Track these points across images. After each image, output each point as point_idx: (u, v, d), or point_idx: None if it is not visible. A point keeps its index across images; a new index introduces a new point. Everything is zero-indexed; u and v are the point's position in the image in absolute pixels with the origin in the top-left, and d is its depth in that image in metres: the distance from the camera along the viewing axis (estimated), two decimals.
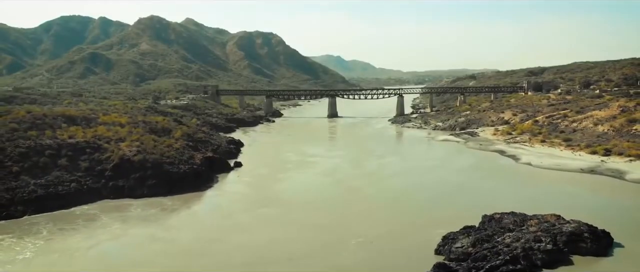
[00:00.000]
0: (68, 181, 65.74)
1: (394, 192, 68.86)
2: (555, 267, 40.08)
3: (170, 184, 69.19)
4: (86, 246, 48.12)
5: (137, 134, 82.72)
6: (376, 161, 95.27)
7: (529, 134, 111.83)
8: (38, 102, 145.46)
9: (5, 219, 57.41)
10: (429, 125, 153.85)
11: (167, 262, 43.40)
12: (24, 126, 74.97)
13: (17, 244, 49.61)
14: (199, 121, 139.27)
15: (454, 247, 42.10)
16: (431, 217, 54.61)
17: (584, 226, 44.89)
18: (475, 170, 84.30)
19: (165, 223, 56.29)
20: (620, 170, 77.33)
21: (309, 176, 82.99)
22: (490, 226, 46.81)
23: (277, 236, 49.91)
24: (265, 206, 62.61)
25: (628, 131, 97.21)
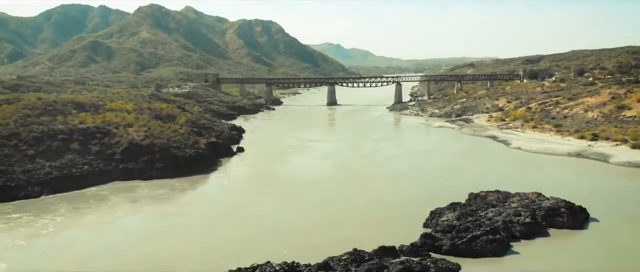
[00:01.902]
0: (81, 163, 69.51)
1: (389, 174, 72.84)
2: (533, 239, 44.02)
3: (177, 167, 73.00)
4: (106, 221, 52.12)
5: (143, 120, 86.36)
6: (373, 146, 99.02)
7: (522, 120, 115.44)
8: (43, 90, 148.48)
9: (22, 199, 61.12)
10: (426, 112, 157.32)
11: (184, 233, 47.59)
12: (36, 112, 78.56)
13: (36, 222, 53.30)
14: (201, 109, 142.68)
15: (440, 221, 46.02)
16: (422, 196, 58.41)
17: (561, 202, 48.76)
18: (467, 154, 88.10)
19: (176, 201, 60.41)
20: (605, 154, 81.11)
21: (309, 159, 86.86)
22: (475, 203, 50.73)
23: (282, 212, 53.93)
24: (269, 185, 66.65)
25: (616, 117, 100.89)
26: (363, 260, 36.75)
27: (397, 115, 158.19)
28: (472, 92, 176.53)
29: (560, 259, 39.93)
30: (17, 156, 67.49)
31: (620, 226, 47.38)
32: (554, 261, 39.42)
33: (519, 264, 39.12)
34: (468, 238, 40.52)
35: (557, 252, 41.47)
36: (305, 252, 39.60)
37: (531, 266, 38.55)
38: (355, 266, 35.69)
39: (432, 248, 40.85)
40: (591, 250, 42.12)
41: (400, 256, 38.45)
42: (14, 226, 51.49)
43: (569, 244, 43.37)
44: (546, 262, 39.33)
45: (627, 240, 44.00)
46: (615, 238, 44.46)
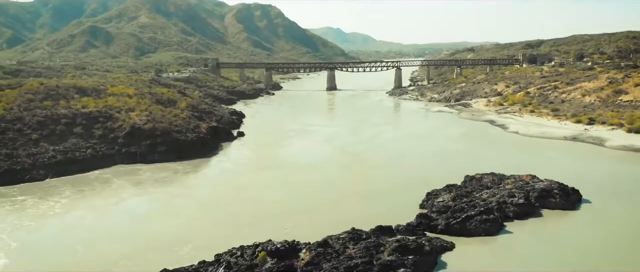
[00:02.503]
0: (84, 147, 70.65)
1: (388, 157, 74.07)
2: (526, 219, 45.35)
3: (179, 151, 74.15)
4: (112, 203, 53.47)
5: (145, 105, 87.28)
6: (372, 130, 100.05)
7: (520, 104, 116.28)
8: (43, 75, 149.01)
9: (28, 182, 62.33)
10: (425, 97, 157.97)
11: (190, 212, 49.18)
12: (39, 97, 79.47)
13: (42, 204, 54.56)
14: (201, 93, 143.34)
15: (436, 202, 47.32)
16: (419, 178, 59.62)
17: (554, 184, 50.01)
18: (465, 138, 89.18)
19: (180, 183, 61.78)
20: (601, 137, 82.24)
21: (309, 143, 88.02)
22: (470, 185, 51.99)
23: (283, 194, 55.30)
24: (270, 168, 67.96)
25: (613, 102, 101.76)
26: (361, 238, 38.06)
27: (397, 100, 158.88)
28: (472, 77, 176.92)
29: (551, 238, 41.24)
30: (21, 139, 68.65)
31: (611, 207, 48.69)
32: (546, 240, 40.74)
33: (511, 242, 40.51)
34: (462, 218, 41.83)
35: (549, 231, 42.80)
36: (305, 232, 40.93)
37: (523, 245, 39.90)
38: (353, 244, 36.99)
39: (428, 228, 42.18)
40: (582, 230, 43.45)
41: (397, 235, 39.75)
42: (21, 208, 52.78)
43: (561, 224, 44.67)
44: (538, 241, 40.67)
45: (617, 220, 45.28)
46: (606, 218, 45.77)
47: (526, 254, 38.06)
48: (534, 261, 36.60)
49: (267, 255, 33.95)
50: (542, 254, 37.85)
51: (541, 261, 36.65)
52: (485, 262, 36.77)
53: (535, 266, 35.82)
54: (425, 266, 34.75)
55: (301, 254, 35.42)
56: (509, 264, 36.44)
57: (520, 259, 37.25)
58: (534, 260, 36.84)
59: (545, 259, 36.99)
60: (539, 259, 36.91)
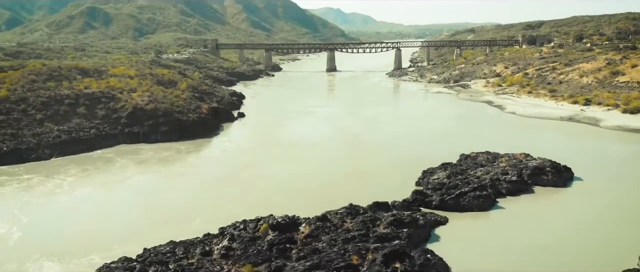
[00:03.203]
0: (88, 127, 71.96)
1: (386, 137, 75.48)
2: (518, 195, 46.91)
3: (180, 131, 75.46)
4: (118, 180, 55.08)
5: (146, 86, 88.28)
6: (371, 111, 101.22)
7: (518, 85, 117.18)
8: (44, 57, 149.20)
9: (33, 161, 63.69)
10: (425, 78, 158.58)
11: (195, 189, 50.83)
12: (42, 78, 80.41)
13: (48, 182, 56.00)
14: (201, 75, 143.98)
15: (431, 179, 48.83)
16: (416, 157, 61.01)
17: (547, 162, 51.45)
18: (463, 118, 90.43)
19: (184, 162, 63.39)
20: (596, 118, 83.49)
21: (309, 123, 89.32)
22: (465, 163, 53.47)
23: (284, 172, 56.78)
24: (271, 148, 69.43)
25: (610, 83, 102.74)
26: (358, 213, 39.62)
27: (396, 82, 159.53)
28: (471, 58, 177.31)
29: (542, 213, 42.87)
30: (26, 120, 69.89)
31: (602, 185, 50.16)
32: (536, 215, 42.37)
33: (502, 217, 42.13)
34: (456, 194, 43.38)
35: (540, 207, 44.42)
36: (305, 208, 42.36)
37: (514, 220, 41.50)
38: (351, 218, 38.56)
39: (423, 204, 43.77)
40: (572, 206, 44.98)
41: (393, 210, 41.26)
42: (28, 186, 54.28)
43: (552, 201, 46.23)
44: (528, 216, 42.29)
45: (606, 197, 46.75)
46: (596, 195, 47.28)
47: (516, 228, 39.68)
48: (524, 234, 38.23)
49: (269, 228, 35.50)
50: (532, 228, 39.48)
51: (531, 234, 38.27)
52: (476, 236, 38.39)
53: (525, 238, 37.42)
54: (419, 238, 36.38)
55: (301, 228, 36.98)
56: (500, 237, 38.07)
57: (510, 232, 38.87)
58: (524, 233, 38.47)
59: (535, 232, 38.60)
60: (528, 233, 38.54)
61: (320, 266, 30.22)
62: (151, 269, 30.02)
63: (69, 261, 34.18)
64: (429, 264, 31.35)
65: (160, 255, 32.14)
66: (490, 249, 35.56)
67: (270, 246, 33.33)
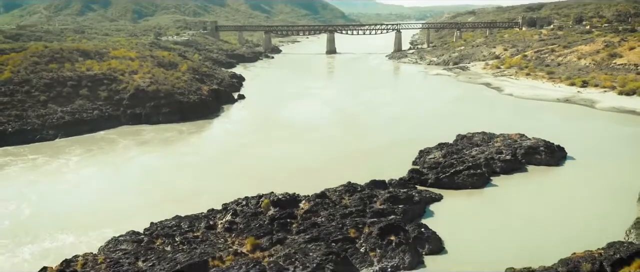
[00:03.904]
0: (91, 108, 73.09)
1: (385, 118, 76.72)
2: (512, 174, 48.34)
3: (182, 112, 76.60)
4: (124, 160, 56.47)
5: (147, 67, 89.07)
6: (371, 93, 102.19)
7: (517, 67, 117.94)
8: (43, 39, 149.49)
9: (38, 142, 64.96)
10: (425, 60, 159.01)
11: (198, 169, 52.27)
12: (45, 60, 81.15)
13: (53, 162, 57.25)
14: (201, 57, 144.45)
15: (427, 159, 50.20)
16: (414, 138, 62.24)
17: (541, 141, 52.78)
18: (460, 100, 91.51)
19: (186, 143, 64.78)
20: (592, 99, 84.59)
21: (309, 105, 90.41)
22: (461, 143, 54.80)
23: (284, 152, 58.10)
24: (271, 129, 70.64)
25: (608, 65, 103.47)
26: (356, 191, 41.06)
27: (396, 64, 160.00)
28: (471, 40, 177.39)
29: (534, 191, 44.32)
30: (30, 101, 70.96)
31: (593, 164, 51.54)
32: (528, 192, 43.83)
33: (495, 194, 43.61)
34: (451, 172, 44.79)
35: (532, 185, 45.86)
36: (305, 186, 43.65)
37: (506, 196, 42.99)
38: (349, 196, 40.00)
39: (419, 182, 45.19)
40: (563, 184, 46.42)
41: (389, 188, 42.67)
42: (34, 166, 55.59)
43: (544, 179, 47.65)
44: (521, 193, 43.75)
45: (597, 175, 48.13)
46: (587, 174, 48.67)
47: (508, 204, 41.18)
48: (516, 210, 39.76)
49: (270, 204, 36.93)
50: (523, 205, 40.97)
51: (522, 210, 39.77)
52: (469, 211, 39.90)
53: (516, 214, 38.93)
54: (414, 214, 37.86)
55: (301, 204, 38.40)
56: (492, 212, 39.58)
57: (502, 208, 40.37)
58: (516, 209, 39.99)
59: (526, 208, 40.10)
60: (520, 209, 40.04)
61: (320, 238, 31.70)
62: (158, 241, 31.54)
63: (82, 234, 35.64)
64: (423, 237, 32.88)
65: (166, 228, 33.64)
66: (482, 224, 37.05)
67: (272, 221, 34.80)
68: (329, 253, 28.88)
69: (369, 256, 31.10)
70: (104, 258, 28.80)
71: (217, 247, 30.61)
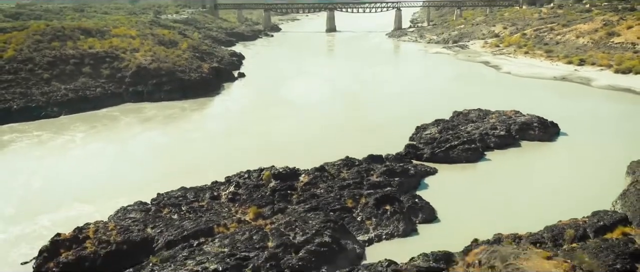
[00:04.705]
0: (93, 86, 74.20)
1: (384, 96, 77.90)
2: (505, 149, 49.82)
3: (183, 90, 77.73)
4: (129, 136, 57.93)
5: (148, 45, 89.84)
6: (370, 71, 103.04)
7: (515, 46, 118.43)
8: (43, 18, 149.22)
9: (43, 119, 66.29)
10: (424, 39, 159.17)
11: (202, 144, 53.72)
12: (47, 38, 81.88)
13: (57, 138, 58.65)
14: (200, 35, 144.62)
15: (424, 134, 51.62)
16: (412, 115, 63.41)
17: (535, 118, 54.13)
18: (459, 78, 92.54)
19: (189, 119, 66.29)
20: (589, 78, 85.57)
21: (309, 82, 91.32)
22: (457, 119, 56.17)
23: (285, 128, 59.44)
24: (272, 106, 71.92)
25: (605, 43, 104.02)
26: (353, 165, 42.56)
27: (396, 42, 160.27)
28: (471, 19, 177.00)
29: (526, 164, 45.93)
30: (33, 79, 72.05)
31: (585, 139, 52.92)
32: (520, 166, 45.43)
33: (488, 168, 45.19)
34: (446, 147, 46.27)
35: (525, 159, 47.44)
36: (304, 161, 45.02)
37: (499, 170, 44.58)
38: (347, 169, 41.53)
39: (414, 156, 46.69)
40: (555, 158, 47.97)
41: (386, 162, 44.16)
42: (40, 142, 57.06)
43: (536, 153, 49.18)
44: (513, 167, 45.34)
45: (588, 150, 49.52)
46: (579, 149, 50.09)
47: (500, 177, 42.80)
48: (507, 182, 41.36)
49: (271, 177, 38.49)
50: (515, 177, 42.59)
51: (513, 182, 41.38)
52: (462, 184, 41.53)
53: (507, 186, 40.55)
54: (409, 186, 39.45)
55: (301, 177, 39.94)
56: (484, 185, 41.19)
57: (494, 181, 41.98)
58: (507, 181, 41.59)
59: (517, 181, 41.71)
60: (511, 181, 41.65)
61: (318, 208, 33.34)
62: (165, 211, 33.18)
63: (90, 205, 37.24)
64: (416, 207, 34.54)
65: (172, 198, 35.26)
66: (474, 195, 38.68)
67: (273, 192, 36.40)
68: (327, 221, 30.48)
69: (365, 224, 32.79)
70: (114, 225, 30.43)
71: (222, 216, 32.27)
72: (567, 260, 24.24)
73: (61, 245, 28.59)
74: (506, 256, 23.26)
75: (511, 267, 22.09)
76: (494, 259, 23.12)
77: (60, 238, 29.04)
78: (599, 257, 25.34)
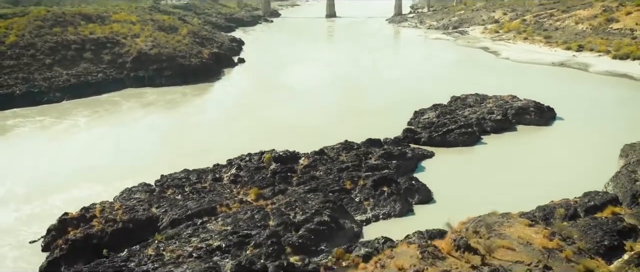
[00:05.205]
0: (95, 71, 74.82)
1: (383, 81, 78.61)
2: (501, 133, 50.66)
3: (184, 75, 78.37)
4: (132, 120, 58.72)
5: (148, 31, 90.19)
6: (370, 57, 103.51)
7: (515, 32, 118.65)
8: (43, 3, 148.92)
9: (45, 104, 66.93)
10: (424, 24, 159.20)
11: (205, 127, 54.79)
12: (48, 24, 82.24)
13: (60, 123, 59.41)
14: (200, 21, 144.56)
15: (422, 119, 52.41)
16: (411, 99, 63.97)
17: (531, 102, 54.89)
18: (458, 64, 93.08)
19: (191, 104, 67.19)
20: (586, 63, 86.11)
21: (309, 68, 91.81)
22: (455, 104, 56.94)
23: (286, 113, 60.14)
24: (272, 91, 72.70)
25: (604, 29, 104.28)
26: (352, 148, 43.42)
27: (396, 28, 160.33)
28: (471, 5, 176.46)
29: (521, 148, 46.81)
30: (35, 64, 72.65)
31: (581, 124, 53.78)
32: (516, 150, 46.31)
33: (484, 151, 46.09)
34: (443, 131, 47.13)
35: (520, 143, 48.31)
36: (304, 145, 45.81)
37: (495, 153, 45.47)
38: (346, 153, 42.40)
39: (412, 140, 47.55)
40: (550, 142, 48.81)
41: (384, 146, 45.02)
42: (42, 127, 57.87)
43: (532, 137, 50.04)
44: (508, 150, 46.22)
45: (583, 134, 50.37)
46: (574, 133, 50.93)
47: (496, 160, 43.69)
48: (502, 165, 42.28)
49: (271, 159, 39.40)
50: (510, 160, 43.48)
51: (508, 165, 42.30)
52: (458, 166, 42.45)
53: (503, 168, 41.49)
54: (406, 169, 40.37)
55: (300, 160, 40.84)
56: (480, 167, 42.11)
57: (490, 164, 42.88)
58: (502, 164, 42.51)
59: (512, 163, 42.62)
60: (506, 164, 42.56)
61: (318, 189, 34.31)
62: (169, 191, 34.15)
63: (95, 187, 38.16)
64: (413, 188, 35.51)
65: (176, 180, 36.21)
66: (469, 178, 39.64)
67: (273, 174, 37.34)
68: (326, 201, 31.46)
69: (363, 205, 33.78)
70: (120, 205, 31.42)
71: (224, 196, 33.24)
72: (547, 227, 25.45)
73: (69, 224, 29.60)
74: (491, 223, 24.56)
75: (494, 233, 23.31)
76: (480, 227, 24.32)
77: (67, 217, 30.05)
78: (588, 234, 26.40)
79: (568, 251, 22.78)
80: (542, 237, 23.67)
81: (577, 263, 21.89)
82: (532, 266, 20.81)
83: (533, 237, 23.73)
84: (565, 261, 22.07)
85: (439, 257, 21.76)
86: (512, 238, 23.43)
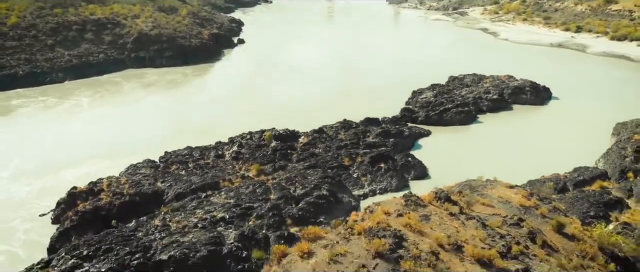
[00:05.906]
0: (96, 52, 75.33)
1: (383, 61, 79.25)
2: (497, 112, 51.69)
3: (184, 56, 78.91)
4: (134, 100, 59.49)
5: (148, 12, 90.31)
6: (370, 38, 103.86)
7: (514, 13, 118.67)
8: None
9: (48, 84, 67.62)
10: (425, 5, 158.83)
11: (206, 106, 55.62)
12: (49, 5, 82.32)
13: (63, 103, 60.12)
14: (200, 1, 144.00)
15: (419, 98, 53.33)
16: (409, 79, 65.07)
17: (527, 82, 55.75)
18: (457, 44, 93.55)
19: (191, 84, 67.66)
20: (584, 44, 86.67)
21: (309, 49, 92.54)
22: (453, 84, 57.78)
23: (286, 93, 61.06)
24: (272, 71, 73.37)
25: (603, 10, 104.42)
26: (351, 127, 44.46)
27: (396, 9, 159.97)
28: None
29: (516, 126, 47.88)
30: (37, 45, 73.10)
31: (576, 103, 54.85)
32: (510, 128, 47.38)
33: (480, 130, 47.18)
34: (440, 110, 48.10)
35: (515, 122, 49.35)
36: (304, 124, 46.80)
37: (490, 132, 46.55)
38: (344, 131, 43.45)
39: (410, 119, 48.57)
40: (545, 121, 49.89)
41: (382, 125, 46.06)
42: (45, 107, 58.53)
43: (527, 116, 51.12)
44: (503, 129, 47.29)
45: (578, 113, 51.53)
46: (569, 112, 52.06)
47: (491, 138, 44.80)
48: (497, 143, 43.41)
49: (272, 137, 40.45)
50: (505, 138, 44.60)
51: (503, 142, 43.43)
52: (454, 144, 43.57)
53: (497, 146, 42.61)
54: (403, 146, 41.48)
55: (300, 139, 41.90)
56: (475, 145, 43.25)
57: (485, 141, 44.01)
58: (497, 142, 43.63)
59: (507, 141, 43.75)
60: (501, 141, 43.70)
61: (317, 165, 35.44)
62: (173, 167, 35.29)
63: (100, 164, 39.26)
64: (409, 164, 36.64)
65: (180, 156, 37.31)
66: (464, 155, 40.78)
67: (274, 151, 38.43)
68: (325, 177, 32.60)
69: (361, 180, 34.96)
70: (126, 180, 32.57)
71: (227, 172, 34.37)
72: (526, 188, 26.91)
73: (78, 197, 30.78)
74: (475, 186, 26.00)
75: (477, 193, 24.72)
76: (464, 189, 25.70)
77: (76, 191, 31.21)
78: (575, 206, 27.63)
79: (544, 208, 24.44)
80: (521, 196, 25.30)
81: (550, 219, 23.37)
82: (508, 219, 22.27)
83: (512, 196, 25.31)
84: (540, 216, 23.63)
85: (421, 205, 23.71)
86: (493, 197, 24.98)
